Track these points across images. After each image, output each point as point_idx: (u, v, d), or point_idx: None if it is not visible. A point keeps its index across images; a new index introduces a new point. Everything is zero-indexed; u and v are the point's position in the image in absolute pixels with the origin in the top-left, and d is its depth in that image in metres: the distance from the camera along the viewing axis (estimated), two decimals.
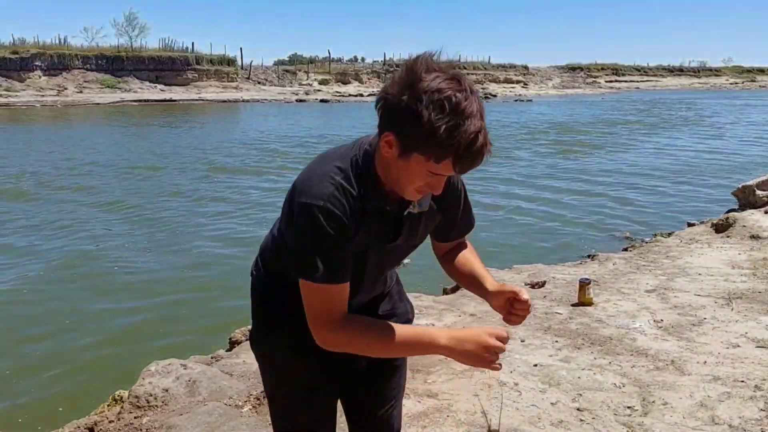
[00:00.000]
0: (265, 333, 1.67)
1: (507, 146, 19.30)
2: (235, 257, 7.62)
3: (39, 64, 41.64)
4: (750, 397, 3.15)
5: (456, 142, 1.26)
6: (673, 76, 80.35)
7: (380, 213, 1.46)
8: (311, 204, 1.37)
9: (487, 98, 50.22)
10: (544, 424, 2.95)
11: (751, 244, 6.13)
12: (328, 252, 1.38)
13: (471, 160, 1.31)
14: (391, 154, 1.35)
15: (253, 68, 53.96)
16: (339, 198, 1.38)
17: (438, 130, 1.25)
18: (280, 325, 1.63)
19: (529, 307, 1.54)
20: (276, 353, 1.66)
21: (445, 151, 1.28)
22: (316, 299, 1.41)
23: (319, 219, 1.36)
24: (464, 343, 1.38)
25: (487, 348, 1.37)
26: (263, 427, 2.95)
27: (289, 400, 1.69)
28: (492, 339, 1.37)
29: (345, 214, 1.38)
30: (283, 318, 1.61)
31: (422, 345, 1.43)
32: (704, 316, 4.27)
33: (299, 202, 1.40)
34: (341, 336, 1.42)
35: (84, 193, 11.73)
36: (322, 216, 1.36)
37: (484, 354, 1.37)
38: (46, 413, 4.18)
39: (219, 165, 15.38)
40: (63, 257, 7.66)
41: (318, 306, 1.42)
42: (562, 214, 10.12)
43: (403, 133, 1.30)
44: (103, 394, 3.83)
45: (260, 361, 1.73)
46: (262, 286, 1.67)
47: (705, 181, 13.01)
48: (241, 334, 4.34)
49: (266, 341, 1.67)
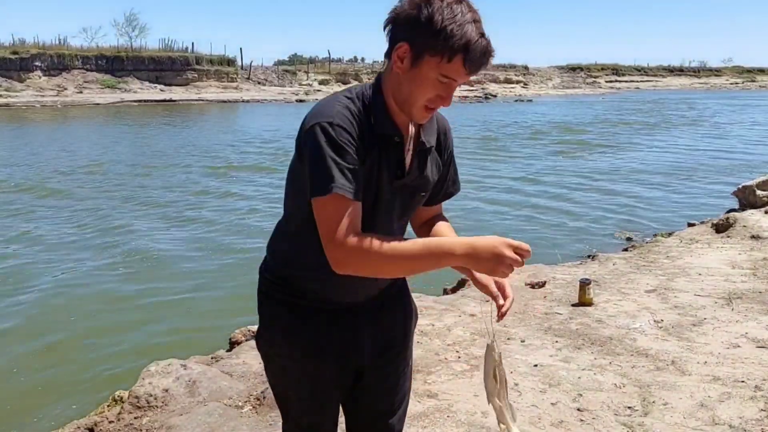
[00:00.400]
0: (272, 334, 1.66)
1: (507, 146, 19.32)
2: (234, 256, 7.62)
3: (39, 64, 41.62)
4: (750, 397, 3.15)
5: (466, 37, 1.36)
6: (674, 76, 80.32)
7: (388, 141, 1.49)
8: (321, 122, 1.40)
9: (487, 98, 50.27)
10: (544, 424, 2.95)
11: (751, 244, 6.13)
12: (341, 161, 1.37)
13: (479, 58, 1.38)
14: (403, 67, 1.41)
15: (253, 68, 53.95)
16: (347, 116, 1.42)
17: (449, 25, 1.35)
18: (287, 326, 1.62)
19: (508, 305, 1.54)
20: (282, 353, 1.65)
21: (456, 46, 1.36)
22: (330, 214, 1.38)
23: (330, 133, 1.39)
24: (480, 252, 1.35)
25: (501, 258, 1.34)
26: (263, 428, 2.95)
27: (297, 397, 1.68)
28: (508, 250, 1.34)
29: (354, 130, 1.41)
30: (290, 319, 1.61)
31: (439, 255, 1.39)
32: (704, 316, 4.27)
33: (309, 127, 1.42)
34: (354, 253, 1.38)
35: (59, 196, 11.72)
36: (333, 131, 1.39)
37: (498, 266, 1.35)
38: (46, 413, 4.18)
39: (219, 163, 15.37)
40: (55, 257, 7.66)
41: (332, 222, 1.38)
42: (562, 214, 10.12)
43: (415, 36, 1.38)
44: (102, 394, 3.83)
45: (266, 361, 1.72)
46: (269, 285, 1.66)
47: (705, 181, 13.01)
48: (241, 334, 4.34)
49: (272, 342, 1.66)
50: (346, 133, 1.40)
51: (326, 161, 1.37)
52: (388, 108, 1.49)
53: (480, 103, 46.98)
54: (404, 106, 1.46)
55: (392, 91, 1.47)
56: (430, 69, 1.39)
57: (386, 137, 1.48)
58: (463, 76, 1.41)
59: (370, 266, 1.42)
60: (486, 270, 1.38)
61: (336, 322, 1.62)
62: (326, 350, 1.59)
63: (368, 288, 1.62)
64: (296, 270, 1.60)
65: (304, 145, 1.43)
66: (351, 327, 1.63)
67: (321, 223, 1.40)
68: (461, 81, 1.42)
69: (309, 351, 1.59)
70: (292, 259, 1.61)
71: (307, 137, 1.42)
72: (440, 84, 1.41)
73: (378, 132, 1.47)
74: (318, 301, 1.61)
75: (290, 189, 1.56)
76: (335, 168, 1.37)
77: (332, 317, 1.62)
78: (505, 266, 1.35)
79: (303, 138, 1.44)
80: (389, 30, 1.44)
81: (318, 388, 1.65)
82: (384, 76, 1.50)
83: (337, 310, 1.62)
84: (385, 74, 1.49)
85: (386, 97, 1.49)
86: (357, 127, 1.42)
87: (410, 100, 1.44)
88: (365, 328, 1.65)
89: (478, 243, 1.37)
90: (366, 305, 1.65)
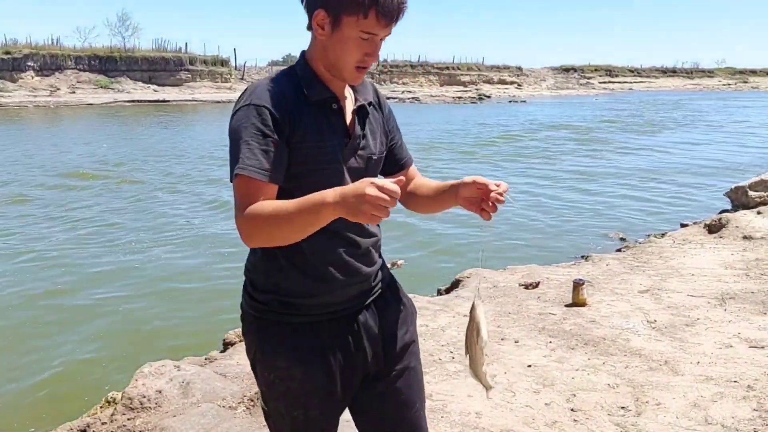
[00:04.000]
0: (264, 353, 1.60)
1: (501, 147, 19.35)
2: (228, 258, 7.60)
3: (31, 64, 41.47)
4: (743, 397, 3.16)
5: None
6: (667, 77, 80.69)
7: (328, 109, 1.52)
8: (240, 107, 1.45)
9: (480, 99, 50.36)
10: (538, 424, 2.96)
11: (743, 245, 6.16)
12: (253, 143, 1.41)
13: (392, 7, 1.42)
14: (325, 33, 1.46)
15: (246, 69, 53.91)
16: (267, 94, 1.45)
17: None
18: (279, 344, 1.57)
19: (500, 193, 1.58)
20: (278, 366, 1.59)
21: (366, 2, 1.39)
22: (238, 195, 1.41)
23: (245, 114, 1.43)
24: (347, 197, 1.30)
25: (364, 197, 1.27)
26: (257, 429, 2.95)
27: (304, 417, 1.61)
28: (372, 188, 1.27)
29: (281, 107, 1.44)
30: (283, 332, 1.57)
31: (313, 207, 1.34)
32: (697, 317, 4.29)
33: (233, 113, 1.47)
34: (246, 221, 1.39)
35: (40, 203, 11.67)
36: (248, 112, 1.43)
37: (363, 204, 1.28)
38: (38, 415, 4.15)
39: (215, 165, 15.34)
40: (49, 258, 7.63)
41: (238, 201, 1.41)
42: (555, 214, 10.14)
43: (329, 1, 1.42)
44: (95, 395, 3.81)
45: (267, 386, 1.64)
46: (254, 307, 1.61)
47: (698, 182, 13.06)
48: (235, 335, 4.33)
49: (273, 364, 1.60)
50: (267, 111, 1.43)
51: (239, 144, 1.41)
52: (320, 77, 1.53)
53: (474, 104, 46.98)
54: (336, 71, 1.50)
55: (320, 59, 1.51)
56: (350, 29, 1.43)
57: (323, 104, 1.51)
58: (382, 28, 1.44)
59: (263, 231, 1.40)
60: (354, 214, 1.30)
61: (331, 331, 1.58)
62: (324, 355, 1.56)
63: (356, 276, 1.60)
64: (277, 278, 1.56)
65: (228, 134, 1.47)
66: (349, 332, 1.60)
67: (235, 202, 1.43)
68: (383, 34, 1.46)
69: (309, 365, 1.55)
70: (262, 266, 1.59)
71: (230, 122, 1.47)
72: (363, 42, 1.45)
73: (313, 100, 1.50)
74: (303, 309, 1.56)
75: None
76: (246, 149, 1.40)
77: (325, 327, 1.58)
78: (368, 206, 1.27)
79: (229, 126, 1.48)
80: (304, 2, 1.49)
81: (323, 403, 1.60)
82: (309, 49, 1.55)
83: (330, 319, 1.58)
84: (310, 46, 1.54)
85: (315, 67, 1.53)
86: (286, 103, 1.45)
87: (339, 64, 1.48)
88: (363, 332, 1.62)
89: (346, 188, 1.32)
90: (355, 307, 1.62)
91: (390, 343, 1.67)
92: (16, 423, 4.10)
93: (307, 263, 1.54)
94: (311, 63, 1.53)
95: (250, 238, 1.42)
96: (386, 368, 1.67)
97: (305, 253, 1.53)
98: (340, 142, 1.53)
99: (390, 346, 1.67)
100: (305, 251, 1.52)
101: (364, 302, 1.64)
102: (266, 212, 1.37)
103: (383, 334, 1.66)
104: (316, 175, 1.48)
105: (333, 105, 1.53)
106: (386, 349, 1.66)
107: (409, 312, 1.77)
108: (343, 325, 1.60)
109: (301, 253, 1.52)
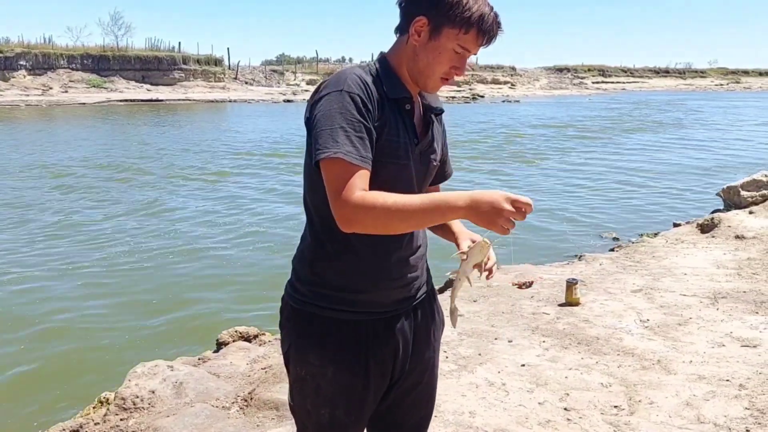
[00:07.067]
0: (297, 347, 1.60)
1: (497, 146, 19.37)
2: (223, 258, 7.59)
3: (24, 63, 41.22)
4: (735, 396, 3.18)
5: (480, 10, 1.47)
6: (659, 77, 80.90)
7: (400, 107, 1.54)
8: (330, 92, 1.44)
9: (474, 99, 50.39)
10: (531, 423, 2.96)
11: (736, 244, 6.19)
12: (349, 129, 1.39)
13: (492, 29, 1.49)
14: (421, 41, 1.50)
15: (240, 68, 53.74)
16: (358, 83, 1.45)
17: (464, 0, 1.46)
18: (315, 339, 1.56)
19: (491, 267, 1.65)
20: (310, 362, 1.58)
21: (472, 19, 1.46)
22: (337, 174, 1.37)
23: (338, 99, 1.42)
24: (480, 205, 1.36)
25: (500, 212, 1.35)
26: (250, 429, 2.94)
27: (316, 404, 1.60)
28: (507, 203, 1.35)
29: (364, 94, 1.44)
30: (320, 327, 1.55)
31: (444, 208, 1.39)
32: (690, 316, 4.31)
33: (318, 98, 1.45)
34: (360, 208, 1.36)
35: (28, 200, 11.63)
36: (341, 97, 1.42)
37: (497, 218, 1.35)
38: (31, 416, 4.13)
39: (207, 168, 15.30)
40: (45, 258, 7.60)
41: (340, 180, 1.37)
42: (549, 214, 10.16)
43: (434, 10, 1.47)
44: (88, 396, 3.80)
45: (299, 383, 1.63)
46: (298, 300, 1.60)
47: (690, 182, 13.11)
48: (228, 335, 4.32)
49: (305, 359, 1.59)
50: (360, 99, 1.43)
51: (334, 128, 1.39)
52: (400, 77, 1.55)
53: (467, 103, 47.02)
54: (420, 77, 1.54)
55: (406, 63, 1.54)
56: (449, 40, 1.48)
57: (399, 102, 1.53)
58: (477, 47, 1.50)
59: (377, 221, 1.39)
60: (486, 223, 1.37)
61: (370, 332, 1.57)
62: (363, 363, 1.55)
63: (401, 280, 1.59)
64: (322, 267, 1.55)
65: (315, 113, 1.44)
66: (387, 336, 1.59)
67: (328, 184, 1.40)
68: (474, 52, 1.52)
69: (342, 365, 1.55)
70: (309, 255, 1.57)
71: (319, 106, 1.44)
72: (456, 55, 1.50)
73: (392, 97, 1.51)
74: (345, 304, 1.55)
75: (307, 184, 1.55)
76: (342, 134, 1.39)
77: (365, 327, 1.56)
78: (503, 219, 1.35)
79: (314, 111, 1.45)
80: (404, 5, 1.52)
81: (351, 404, 1.59)
82: (394, 51, 1.57)
83: (370, 320, 1.57)
84: (396, 48, 1.57)
85: (397, 68, 1.55)
86: (368, 90, 1.46)
87: (427, 72, 1.52)
88: (399, 338, 1.61)
89: (479, 196, 1.37)
90: (397, 312, 1.60)
91: (416, 354, 1.66)
92: (7, 423, 4.08)
93: (356, 258, 1.53)
94: (393, 63, 1.56)
95: (355, 223, 1.38)
96: (406, 379, 1.66)
97: (355, 247, 1.52)
98: (411, 142, 1.55)
99: (415, 357, 1.66)
100: (356, 245, 1.52)
101: (406, 308, 1.63)
102: (387, 203, 1.37)
103: (413, 344, 1.65)
104: (386, 170, 1.48)
105: (407, 105, 1.55)
106: (411, 360, 1.65)
107: (438, 326, 1.77)
108: (382, 328, 1.58)
109: (352, 246, 1.52)
